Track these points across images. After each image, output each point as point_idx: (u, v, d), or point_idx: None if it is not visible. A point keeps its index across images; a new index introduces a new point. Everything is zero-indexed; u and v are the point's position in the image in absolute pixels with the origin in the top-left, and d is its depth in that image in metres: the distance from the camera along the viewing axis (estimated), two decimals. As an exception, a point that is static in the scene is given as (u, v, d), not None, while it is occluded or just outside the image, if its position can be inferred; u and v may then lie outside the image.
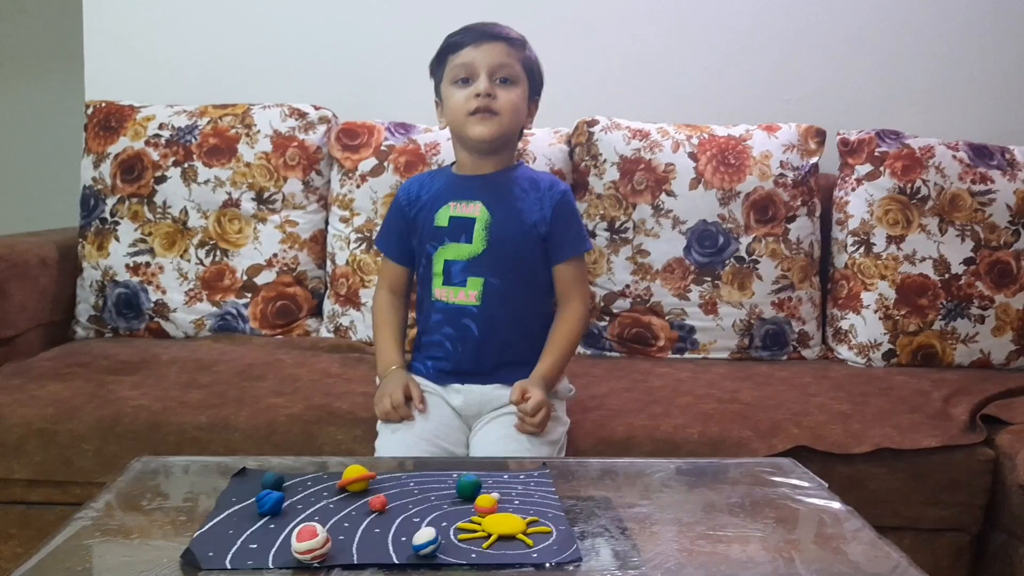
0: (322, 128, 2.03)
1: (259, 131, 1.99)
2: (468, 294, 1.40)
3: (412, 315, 1.54)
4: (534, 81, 1.45)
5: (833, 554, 0.95)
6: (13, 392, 1.52)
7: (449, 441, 1.35)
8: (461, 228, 1.41)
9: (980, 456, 1.48)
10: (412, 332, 1.55)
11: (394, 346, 1.47)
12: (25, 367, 1.68)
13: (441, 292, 1.42)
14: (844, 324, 1.95)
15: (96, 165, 2.00)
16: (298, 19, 2.23)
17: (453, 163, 1.51)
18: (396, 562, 0.84)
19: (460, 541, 0.88)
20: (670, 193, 1.93)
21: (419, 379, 1.43)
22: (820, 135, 2.03)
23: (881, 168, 1.95)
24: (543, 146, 1.98)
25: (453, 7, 2.12)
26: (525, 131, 1.51)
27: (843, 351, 1.95)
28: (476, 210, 1.41)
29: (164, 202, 1.97)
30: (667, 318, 1.93)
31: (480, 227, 1.40)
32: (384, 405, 1.35)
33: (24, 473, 1.46)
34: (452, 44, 1.42)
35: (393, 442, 1.33)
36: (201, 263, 1.96)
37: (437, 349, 1.43)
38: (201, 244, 1.96)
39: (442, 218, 1.42)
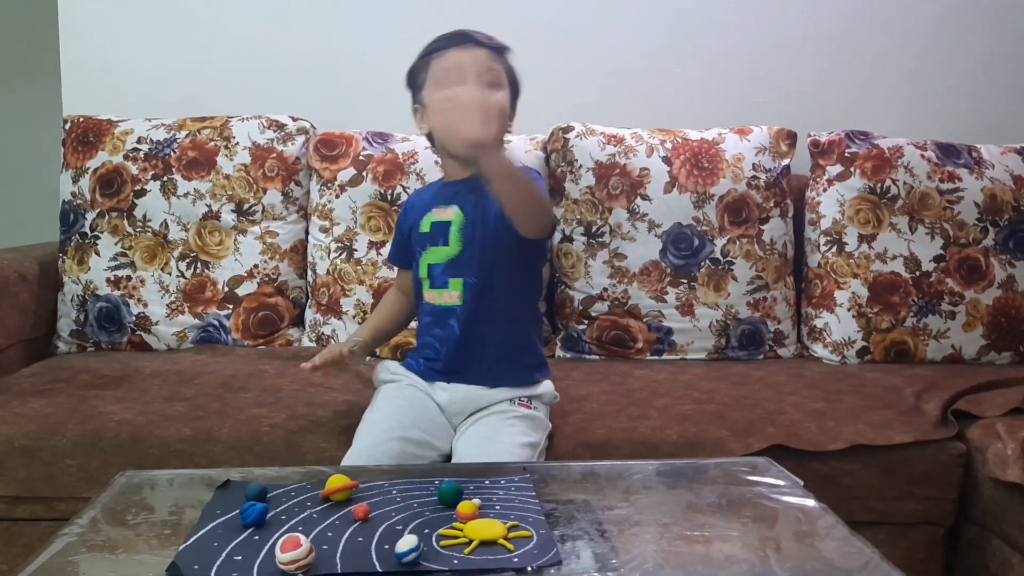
0: (300, 139, 2.04)
1: (238, 143, 2.00)
2: (451, 295, 1.43)
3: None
4: (515, 89, 1.47)
5: (807, 551, 0.97)
6: (-5, 409, 1.52)
7: (430, 433, 1.37)
8: (440, 232, 1.44)
9: (952, 450, 1.50)
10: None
11: (369, 328, 1.58)
12: (6, 384, 1.68)
13: (429, 295, 1.46)
14: (818, 323, 1.98)
15: (75, 180, 2.00)
16: (274, 31, 2.24)
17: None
18: (379, 570, 0.85)
19: (442, 547, 0.90)
20: (645, 197, 1.95)
21: (408, 374, 1.46)
22: (791, 137, 2.06)
23: (851, 168, 1.99)
24: (519, 153, 2.00)
25: (429, 15, 2.15)
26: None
27: (818, 349, 1.98)
28: (452, 214, 1.44)
29: (144, 215, 1.97)
30: (645, 320, 1.95)
31: (455, 229, 1.43)
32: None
33: (7, 490, 1.46)
34: (435, 49, 1.42)
35: (371, 430, 1.36)
36: (182, 275, 1.96)
37: (428, 350, 1.47)
38: (182, 257, 1.97)
39: (425, 224, 1.47)
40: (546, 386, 1.46)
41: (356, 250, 1.96)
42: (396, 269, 1.65)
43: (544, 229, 1.40)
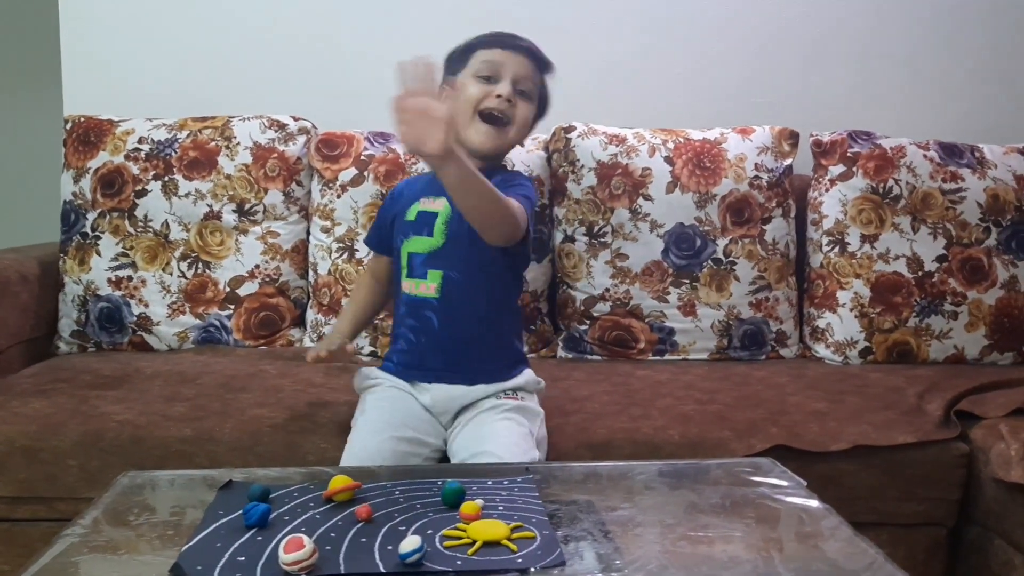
0: (302, 139, 2.04)
1: (239, 143, 2.00)
2: (428, 286, 1.42)
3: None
4: (542, 105, 1.51)
5: (811, 552, 0.97)
6: (-4, 410, 1.52)
7: (420, 431, 1.37)
8: (424, 222, 1.44)
9: (954, 451, 1.50)
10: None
11: (348, 319, 1.59)
12: (7, 384, 1.67)
13: (406, 285, 1.45)
14: (821, 323, 1.98)
15: (76, 180, 2.00)
16: (276, 30, 2.24)
17: None
18: (383, 571, 0.85)
19: (446, 548, 0.90)
20: (647, 197, 1.95)
21: (388, 376, 1.46)
22: (793, 137, 2.06)
23: (854, 168, 1.99)
24: (521, 153, 1.99)
25: (430, 15, 2.15)
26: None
27: (820, 349, 1.98)
28: (440, 205, 1.44)
29: (145, 216, 1.97)
30: (647, 321, 1.95)
31: (441, 221, 1.43)
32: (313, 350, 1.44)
33: (8, 491, 1.46)
34: (484, 41, 1.46)
35: (363, 434, 1.35)
36: (183, 276, 1.96)
37: (403, 341, 1.46)
38: (183, 257, 1.97)
39: (411, 213, 1.47)
40: (526, 375, 1.46)
41: (358, 250, 1.96)
42: (371, 253, 1.65)
43: (509, 238, 1.35)
